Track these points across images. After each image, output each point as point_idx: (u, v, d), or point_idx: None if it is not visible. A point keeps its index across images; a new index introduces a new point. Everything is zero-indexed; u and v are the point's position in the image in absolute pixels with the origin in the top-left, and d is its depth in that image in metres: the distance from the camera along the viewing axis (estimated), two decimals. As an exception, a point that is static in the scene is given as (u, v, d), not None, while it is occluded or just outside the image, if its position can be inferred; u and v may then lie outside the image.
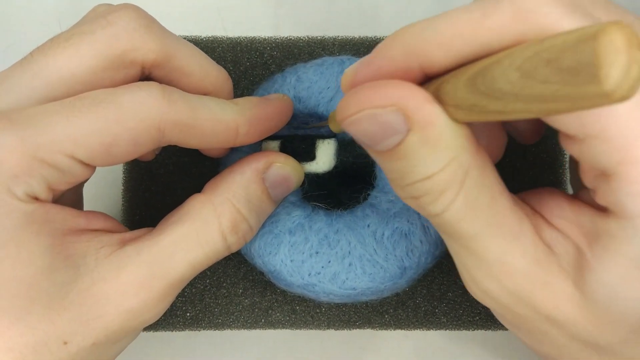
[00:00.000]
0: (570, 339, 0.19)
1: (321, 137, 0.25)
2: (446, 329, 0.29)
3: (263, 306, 0.29)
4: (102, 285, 0.19)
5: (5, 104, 0.19)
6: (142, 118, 0.19)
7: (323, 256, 0.24)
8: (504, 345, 0.29)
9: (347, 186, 0.26)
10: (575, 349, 0.19)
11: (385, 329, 0.29)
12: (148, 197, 0.30)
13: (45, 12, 0.31)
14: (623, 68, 0.11)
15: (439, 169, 0.17)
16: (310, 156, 0.25)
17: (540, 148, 0.30)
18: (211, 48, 0.30)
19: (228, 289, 0.29)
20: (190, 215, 0.21)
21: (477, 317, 0.29)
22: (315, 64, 0.26)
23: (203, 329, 0.29)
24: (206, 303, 0.29)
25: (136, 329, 0.21)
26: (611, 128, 0.15)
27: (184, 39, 0.23)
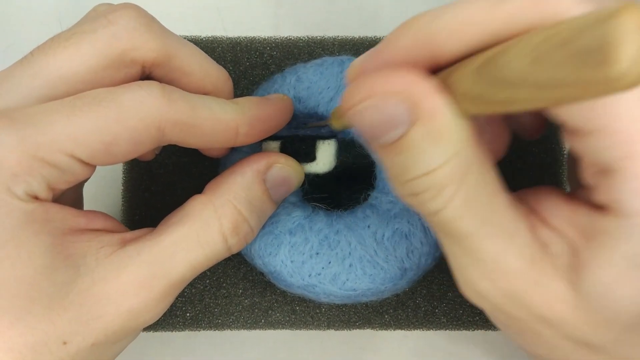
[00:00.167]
0: (563, 339, 0.19)
1: (321, 138, 0.25)
2: (446, 329, 0.29)
3: (263, 306, 0.29)
4: (103, 285, 0.19)
5: (5, 103, 0.19)
6: (142, 117, 0.19)
7: (323, 257, 0.24)
8: (504, 345, 0.29)
9: (348, 187, 0.26)
10: (568, 349, 0.19)
11: (385, 329, 0.29)
12: (148, 197, 0.30)
13: (45, 12, 0.31)
14: (637, 49, 0.11)
15: (441, 163, 0.17)
16: (310, 157, 0.25)
17: (540, 148, 0.30)
18: (211, 48, 0.30)
19: (228, 290, 0.29)
20: (191, 216, 0.21)
21: (477, 317, 0.29)
22: (315, 64, 0.26)
23: (203, 329, 0.29)
24: (206, 303, 0.29)
25: (136, 329, 0.21)
26: (616, 122, 0.15)
27: (184, 39, 0.23)
